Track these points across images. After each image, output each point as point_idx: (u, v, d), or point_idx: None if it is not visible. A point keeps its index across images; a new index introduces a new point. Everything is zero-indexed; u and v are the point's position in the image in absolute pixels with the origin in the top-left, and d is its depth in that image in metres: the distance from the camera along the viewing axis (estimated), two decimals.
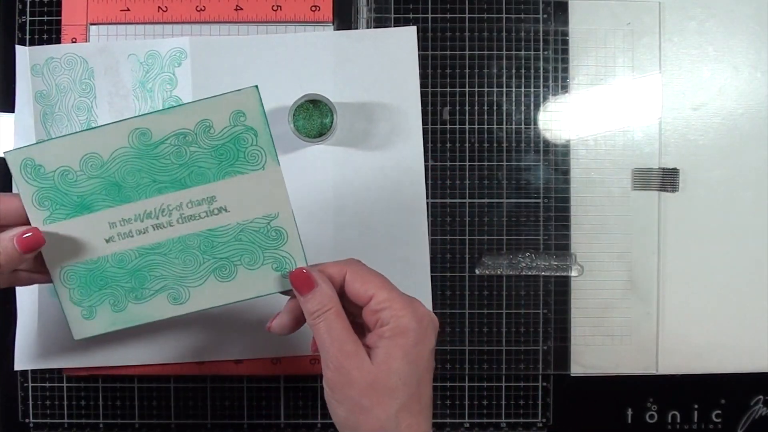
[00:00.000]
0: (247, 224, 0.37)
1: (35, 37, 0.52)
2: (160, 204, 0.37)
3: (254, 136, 0.36)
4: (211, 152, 0.36)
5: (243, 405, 0.52)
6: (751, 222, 0.53)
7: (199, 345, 0.51)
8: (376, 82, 0.51)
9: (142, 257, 0.38)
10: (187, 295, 0.38)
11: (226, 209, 0.37)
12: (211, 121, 0.36)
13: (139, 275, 0.38)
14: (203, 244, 0.37)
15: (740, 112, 0.53)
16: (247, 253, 0.38)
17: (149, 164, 0.36)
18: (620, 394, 0.53)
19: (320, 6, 0.52)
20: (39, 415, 0.52)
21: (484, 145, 0.52)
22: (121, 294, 0.38)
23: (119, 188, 0.36)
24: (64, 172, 0.36)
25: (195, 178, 0.36)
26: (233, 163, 0.36)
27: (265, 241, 0.38)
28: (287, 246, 0.38)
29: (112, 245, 0.37)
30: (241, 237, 0.37)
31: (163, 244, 0.37)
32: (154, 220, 0.37)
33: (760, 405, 0.53)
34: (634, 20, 0.52)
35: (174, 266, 0.38)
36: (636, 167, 0.53)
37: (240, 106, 0.35)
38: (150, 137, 0.36)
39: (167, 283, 0.38)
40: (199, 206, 0.37)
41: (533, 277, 0.53)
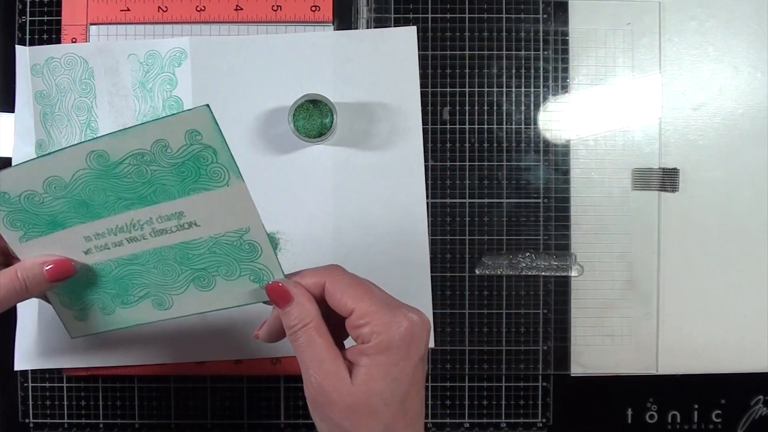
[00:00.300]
0: (219, 237, 0.37)
1: (35, 37, 0.52)
2: (130, 219, 0.37)
3: (213, 154, 0.35)
4: (172, 170, 0.35)
5: (243, 405, 0.52)
6: (751, 222, 0.53)
7: (199, 345, 0.51)
8: (376, 82, 0.51)
9: (121, 267, 0.38)
10: (170, 301, 0.39)
11: (196, 224, 0.37)
12: (166, 141, 0.35)
13: (121, 282, 0.38)
14: (178, 255, 0.37)
15: (740, 112, 0.53)
16: (224, 265, 0.38)
17: (112, 183, 0.36)
18: (620, 394, 0.53)
19: (320, 6, 0.52)
20: (39, 415, 0.52)
21: (484, 145, 0.52)
22: (107, 299, 0.39)
23: (87, 206, 0.36)
24: (29, 195, 0.36)
25: (160, 194, 0.36)
26: (196, 180, 0.35)
27: (239, 254, 0.37)
28: (262, 258, 0.37)
29: (90, 256, 0.38)
30: (215, 250, 0.37)
31: (140, 256, 0.38)
32: (127, 233, 0.37)
33: (760, 405, 0.53)
34: (634, 20, 0.52)
35: (153, 276, 0.38)
36: (636, 167, 0.53)
37: (193, 126, 0.34)
38: (107, 158, 0.35)
39: (150, 291, 0.39)
40: (169, 221, 0.37)
41: (533, 277, 0.53)
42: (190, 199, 0.36)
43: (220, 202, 0.36)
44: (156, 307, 0.39)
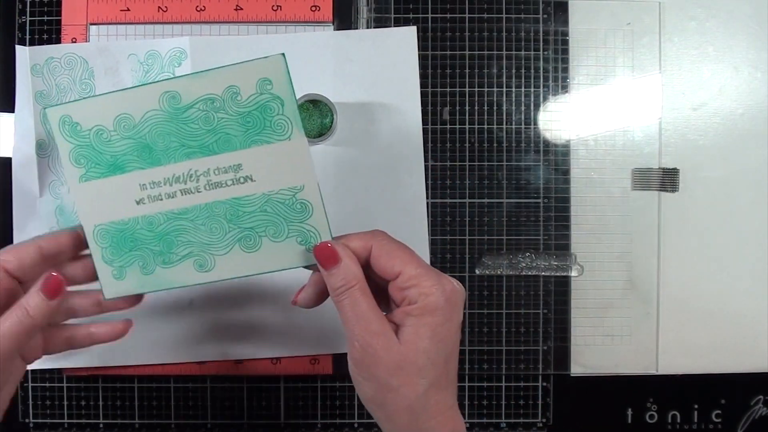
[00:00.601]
0: (272, 195, 0.37)
1: (35, 37, 0.52)
2: (188, 169, 0.37)
3: (280, 105, 0.36)
4: (238, 119, 0.36)
5: (243, 405, 0.52)
6: (751, 222, 0.53)
7: (199, 345, 0.51)
8: (376, 82, 0.51)
9: (170, 222, 0.38)
10: (212, 263, 0.39)
11: (251, 178, 0.37)
12: (238, 87, 0.36)
13: (167, 239, 0.38)
14: (229, 212, 0.38)
15: (740, 112, 0.53)
16: (272, 225, 0.38)
17: (178, 128, 0.37)
18: (620, 394, 0.53)
19: (320, 6, 0.52)
20: (39, 415, 0.52)
21: (484, 145, 0.52)
22: (149, 257, 0.39)
23: (150, 150, 0.37)
24: (99, 131, 0.37)
25: (222, 144, 0.37)
26: (259, 132, 0.36)
27: (290, 213, 0.37)
28: (312, 219, 0.37)
29: (142, 207, 0.38)
30: (266, 208, 0.38)
31: (190, 210, 0.38)
32: (182, 185, 0.37)
33: (760, 405, 0.53)
34: (634, 20, 0.52)
35: (200, 233, 0.38)
36: (636, 167, 0.53)
37: (266, 74, 0.36)
38: (179, 101, 0.36)
39: (193, 250, 0.38)
40: (226, 173, 0.37)
41: (533, 277, 0.53)
42: (250, 151, 0.36)
43: (280, 156, 0.37)
44: (197, 269, 0.39)
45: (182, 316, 0.51)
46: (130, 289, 0.40)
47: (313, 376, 0.52)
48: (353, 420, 0.53)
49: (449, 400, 0.36)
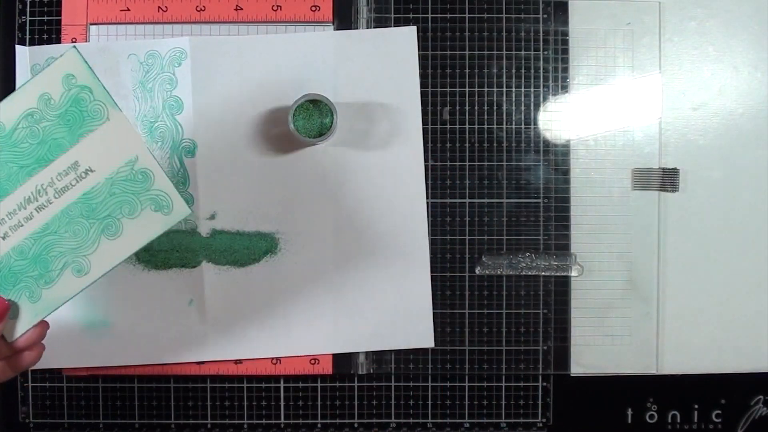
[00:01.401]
0: (114, 176, 0.39)
1: (35, 37, 0.52)
2: (34, 186, 0.39)
3: (89, 92, 0.38)
4: (59, 121, 0.38)
5: (243, 405, 0.52)
6: (751, 222, 0.53)
7: (199, 345, 0.51)
8: (376, 82, 0.51)
9: (37, 242, 0.40)
10: (88, 264, 0.40)
11: (91, 169, 0.39)
12: (48, 93, 0.38)
13: (41, 260, 0.40)
14: (84, 210, 0.39)
15: (740, 112, 0.53)
16: (126, 204, 0.40)
17: (12, 153, 0.39)
18: (620, 394, 0.53)
19: (320, 6, 0.52)
20: (39, 415, 0.52)
21: (484, 145, 0.52)
22: (32, 284, 0.40)
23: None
24: None
25: (54, 150, 0.39)
26: (81, 124, 0.39)
27: (135, 186, 0.39)
28: (156, 183, 0.40)
29: (8, 240, 0.39)
30: (113, 191, 0.39)
31: (51, 223, 0.39)
32: (35, 203, 0.39)
33: (760, 405, 0.53)
34: (634, 20, 0.52)
35: (67, 240, 0.40)
36: (636, 167, 0.53)
37: (67, 69, 0.38)
38: (4, 128, 0.38)
39: (67, 259, 0.40)
40: (67, 175, 0.39)
41: (533, 277, 0.53)
42: (80, 145, 0.39)
43: (106, 138, 0.39)
44: (76, 275, 0.40)
45: (182, 316, 0.51)
46: (28, 323, 0.40)
47: (313, 376, 0.52)
48: (353, 420, 0.53)
49: None
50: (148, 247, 0.51)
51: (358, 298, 0.52)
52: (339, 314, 0.52)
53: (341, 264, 0.52)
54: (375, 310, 0.52)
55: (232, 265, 0.51)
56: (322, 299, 0.52)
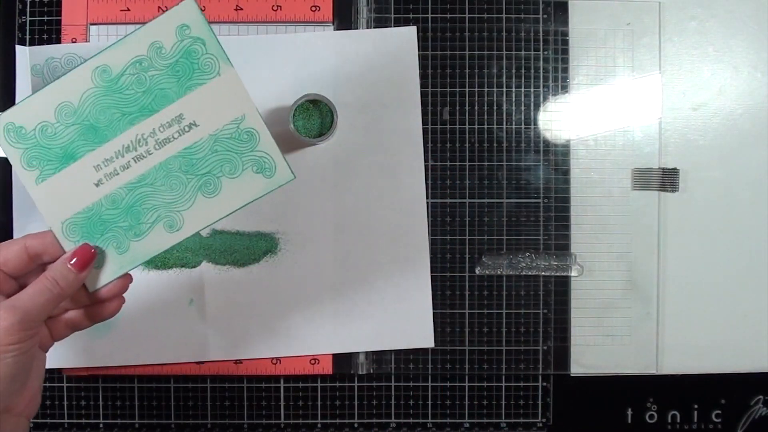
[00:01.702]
0: (218, 134, 0.39)
1: (35, 37, 0.52)
2: (134, 135, 0.38)
3: (203, 45, 0.37)
4: (168, 71, 0.38)
5: (243, 405, 0.52)
6: (751, 222, 0.53)
7: (199, 345, 0.51)
8: (376, 82, 0.51)
9: (131, 192, 0.39)
10: (181, 220, 0.39)
11: (195, 124, 0.38)
12: (160, 42, 0.37)
13: (133, 211, 0.39)
14: (183, 164, 0.39)
15: (740, 112, 0.53)
16: (227, 163, 0.39)
17: (116, 99, 0.38)
18: (620, 394, 0.53)
19: (320, 6, 0.52)
20: (39, 415, 0.52)
21: (484, 145, 0.52)
22: (121, 235, 0.39)
23: (95, 130, 0.38)
24: (43, 127, 0.38)
25: (159, 101, 0.38)
26: (191, 77, 0.38)
27: (239, 145, 0.39)
28: (261, 145, 0.39)
29: (102, 188, 0.39)
30: (216, 148, 0.39)
31: (148, 174, 0.39)
32: (133, 152, 0.38)
33: (760, 405, 0.53)
34: (634, 20, 0.52)
35: (163, 193, 0.39)
36: (636, 167, 0.53)
37: (182, 20, 0.37)
38: (110, 73, 0.38)
39: (160, 213, 0.39)
40: (170, 127, 0.38)
41: (533, 277, 0.53)
42: (187, 98, 0.38)
43: (215, 94, 0.38)
44: (168, 230, 0.39)
45: (182, 316, 0.51)
46: (112, 273, 0.40)
47: (313, 376, 0.52)
48: (353, 420, 0.53)
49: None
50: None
51: (358, 298, 0.52)
52: (339, 314, 0.52)
53: (341, 264, 0.52)
54: (375, 310, 0.52)
55: (232, 265, 0.52)
56: (322, 299, 0.52)
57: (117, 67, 0.38)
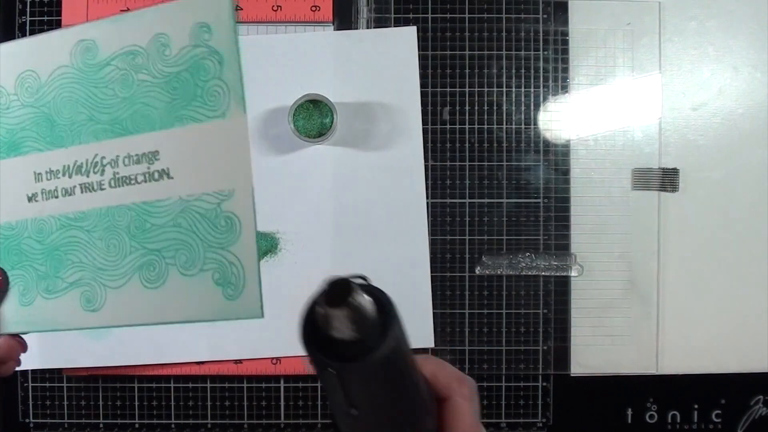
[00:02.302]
0: (191, 202, 0.29)
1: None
2: (93, 154, 0.30)
3: (218, 63, 0.28)
4: (163, 83, 0.29)
5: (243, 405, 0.52)
6: (751, 222, 0.53)
7: (200, 345, 0.51)
8: (376, 82, 0.51)
9: (62, 230, 0.31)
10: (102, 298, 0.31)
11: (168, 174, 0.29)
12: (167, 37, 0.29)
13: (55, 256, 0.32)
14: (134, 223, 0.30)
15: (740, 112, 0.53)
16: (185, 248, 0.30)
17: (89, 93, 0.30)
18: (620, 394, 0.53)
19: (320, 6, 0.52)
20: (39, 415, 0.52)
21: (484, 145, 0.52)
22: (32, 281, 0.32)
23: (52, 125, 0.31)
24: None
25: (138, 121, 0.30)
26: (187, 104, 0.29)
27: (210, 232, 0.29)
28: (238, 246, 0.28)
29: (33, 206, 0.31)
30: (180, 221, 0.29)
31: (88, 215, 0.31)
32: (85, 177, 0.31)
33: (760, 405, 0.53)
34: (634, 20, 0.52)
35: (95, 250, 0.31)
36: (636, 167, 0.53)
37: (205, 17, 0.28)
38: (95, 54, 0.30)
39: (84, 275, 0.31)
40: (138, 164, 0.30)
41: (533, 277, 0.53)
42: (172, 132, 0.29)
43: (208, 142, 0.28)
44: (84, 306, 0.32)
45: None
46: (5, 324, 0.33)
47: (313, 376, 0.52)
48: None
49: None
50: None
51: None
52: None
53: (341, 264, 0.52)
54: None
55: None
56: None
57: (106, 49, 0.29)
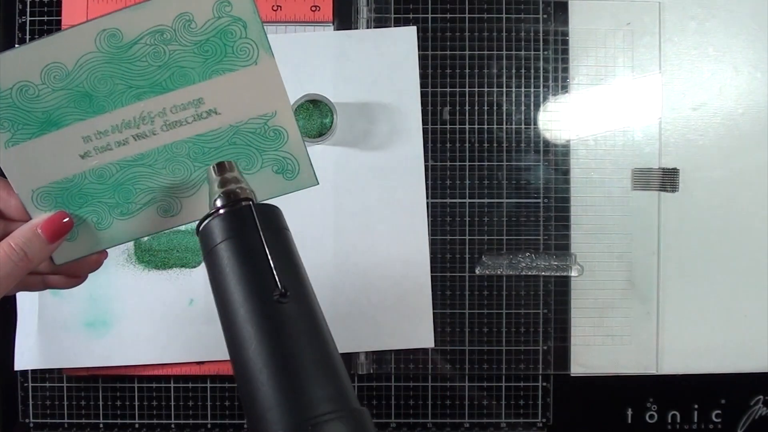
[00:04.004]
0: (241, 126, 0.33)
1: (35, 37, 0.52)
2: (139, 111, 0.33)
3: (243, 27, 0.32)
4: (194, 49, 0.32)
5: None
6: (751, 222, 0.53)
7: (199, 345, 0.51)
8: (376, 82, 0.51)
9: (124, 170, 0.34)
10: (178, 206, 0.35)
11: (216, 111, 0.33)
12: (191, 14, 0.31)
13: (123, 189, 0.34)
14: (193, 150, 0.34)
15: (740, 112, 0.53)
16: (244, 157, 0.34)
17: (123, 69, 0.32)
18: (620, 394, 0.53)
19: (320, 6, 0.52)
20: (39, 415, 0.52)
21: (484, 145, 0.52)
22: (104, 210, 0.34)
23: (90, 99, 0.32)
24: (23, 87, 0.32)
25: (177, 79, 0.32)
26: (220, 60, 0.32)
27: (262, 142, 0.34)
28: (288, 146, 0.34)
29: (88, 161, 0.33)
30: (235, 140, 0.34)
31: (147, 155, 0.33)
32: (135, 129, 0.33)
33: (760, 405, 0.53)
34: (634, 20, 0.52)
35: (161, 177, 0.34)
36: (636, 167, 0.53)
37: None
38: (120, 38, 0.31)
39: (155, 196, 0.34)
40: (185, 110, 0.33)
41: (533, 277, 0.53)
42: (211, 82, 0.32)
43: (246, 83, 0.33)
44: (161, 214, 0.35)
45: (182, 316, 0.51)
46: (87, 248, 0.35)
47: None
48: None
49: None
50: (148, 246, 0.51)
51: (358, 298, 0.52)
52: (339, 314, 0.52)
53: (341, 264, 0.52)
54: (375, 310, 0.52)
55: None
56: (322, 299, 0.52)
57: (130, 33, 0.31)
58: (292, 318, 0.28)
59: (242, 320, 0.28)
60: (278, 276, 0.29)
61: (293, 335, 0.28)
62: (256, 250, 0.29)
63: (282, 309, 0.28)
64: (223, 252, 0.29)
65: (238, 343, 0.28)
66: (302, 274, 0.31)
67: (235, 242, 0.29)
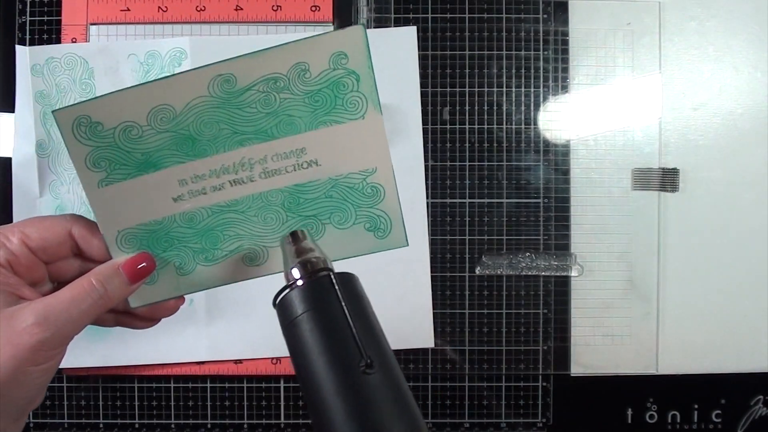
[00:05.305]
0: (340, 179, 0.33)
1: (35, 37, 0.52)
2: (240, 158, 0.32)
3: (356, 80, 0.32)
4: (305, 99, 0.32)
5: (243, 405, 0.52)
6: (751, 222, 0.53)
7: (199, 345, 0.51)
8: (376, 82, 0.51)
9: (215, 215, 0.33)
10: (265, 255, 0.34)
11: (317, 162, 0.33)
12: (307, 65, 0.31)
13: (210, 235, 0.34)
14: (288, 200, 0.33)
15: (740, 112, 0.53)
16: (339, 211, 0.34)
17: (231, 114, 0.31)
18: (620, 394, 0.53)
19: (320, 6, 0.52)
20: (39, 415, 0.52)
21: (484, 145, 0.52)
22: (189, 256, 0.34)
23: (193, 142, 0.32)
24: (127, 128, 0.31)
25: (284, 128, 0.32)
26: (329, 112, 0.32)
27: (359, 198, 0.34)
28: (383, 204, 0.34)
29: (181, 204, 0.33)
30: (332, 194, 0.34)
31: (241, 201, 0.33)
32: (233, 175, 0.32)
33: (760, 405, 0.53)
34: (634, 20, 0.52)
35: (252, 224, 0.34)
36: (636, 167, 0.53)
37: (342, 47, 0.31)
38: (234, 84, 0.31)
39: (243, 243, 0.34)
40: (286, 159, 0.32)
41: (533, 277, 0.53)
42: (316, 133, 0.32)
43: (350, 137, 0.33)
44: (247, 263, 0.34)
45: (182, 316, 0.51)
46: (163, 293, 0.34)
47: None
48: None
49: None
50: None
51: None
52: None
53: (341, 263, 0.52)
54: (375, 309, 0.52)
55: None
56: None
57: (245, 79, 0.31)
58: (379, 389, 0.28)
59: (328, 392, 0.28)
60: (362, 346, 0.29)
61: (381, 407, 0.27)
62: (339, 321, 0.29)
63: (368, 380, 0.28)
64: (305, 324, 0.29)
65: (326, 416, 0.27)
66: (385, 344, 0.31)
67: (317, 314, 0.29)
